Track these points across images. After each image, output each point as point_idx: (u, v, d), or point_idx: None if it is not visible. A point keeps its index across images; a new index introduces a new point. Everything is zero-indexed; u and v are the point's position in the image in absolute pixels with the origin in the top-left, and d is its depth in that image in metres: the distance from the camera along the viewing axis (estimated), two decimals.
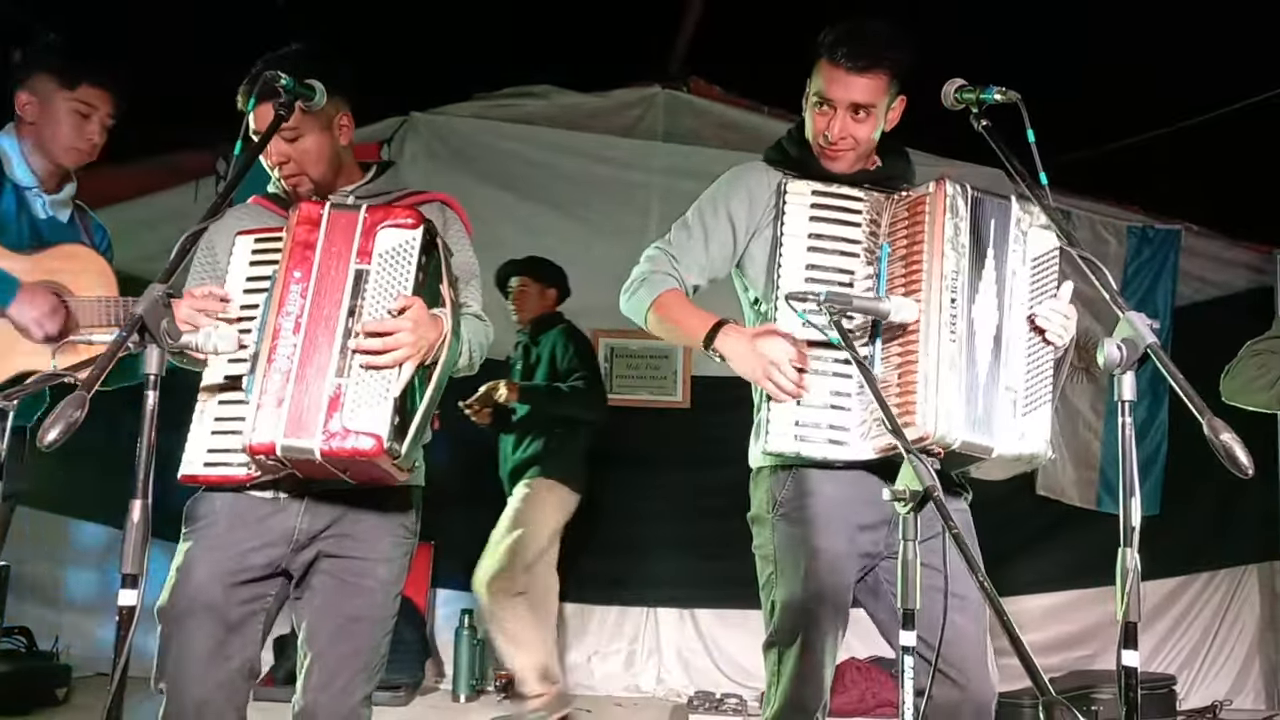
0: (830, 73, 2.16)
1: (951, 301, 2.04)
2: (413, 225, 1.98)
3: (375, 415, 1.88)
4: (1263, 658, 5.56)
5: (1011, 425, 2.07)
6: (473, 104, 5.32)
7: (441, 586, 5.19)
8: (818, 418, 2.10)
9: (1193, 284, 5.69)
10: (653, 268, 2.29)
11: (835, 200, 2.20)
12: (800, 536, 2.17)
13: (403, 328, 1.91)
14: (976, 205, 2.11)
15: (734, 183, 2.32)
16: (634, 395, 5.34)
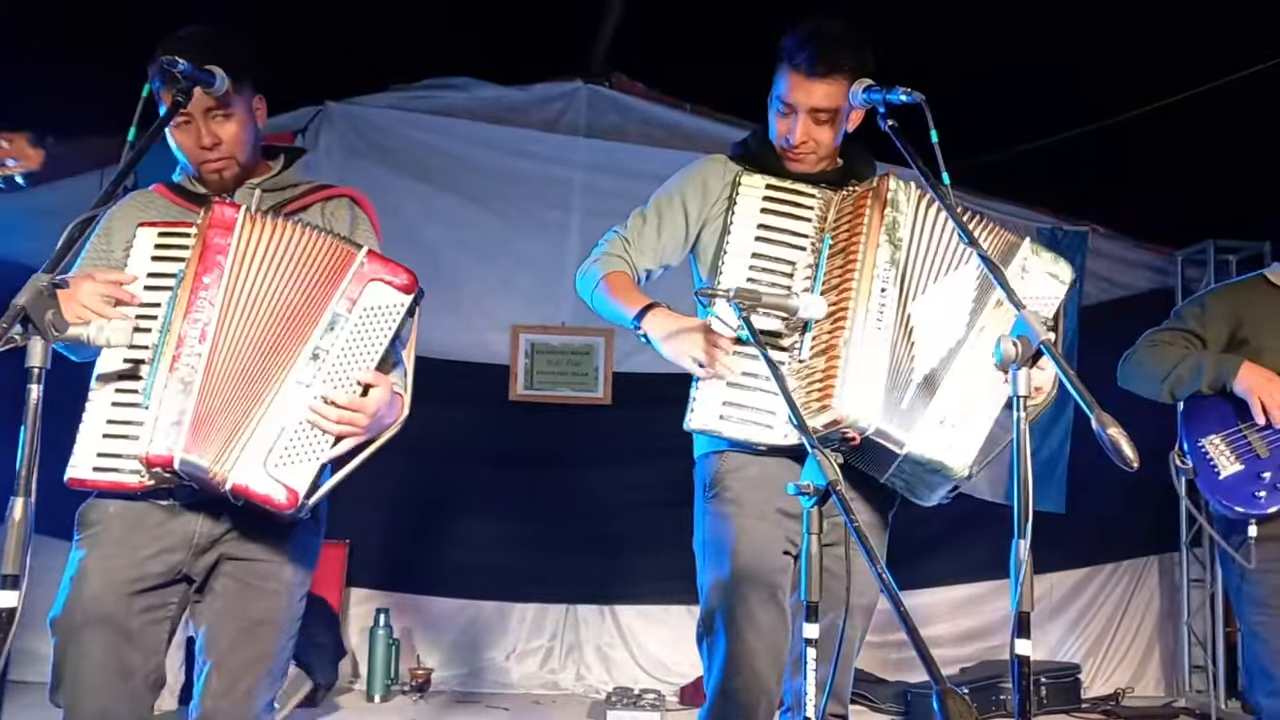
0: (791, 78, 2.21)
1: (882, 291, 2.08)
2: (406, 289, 1.94)
3: (300, 473, 1.86)
4: (1162, 647, 5.76)
5: (935, 430, 2.09)
6: (390, 94, 5.24)
7: (355, 586, 5.11)
8: (745, 399, 2.12)
9: (1099, 284, 5.87)
10: (607, 249, 2.35)
11: (788, 195, 2.25)
12: (724, 518, 2.19)
13: (365, 411, 1.88)
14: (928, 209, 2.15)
15: (692, 173, 2.38)
16: (554, 392, 5.31)
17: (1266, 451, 2.63)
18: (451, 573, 5.18)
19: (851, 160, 2.36)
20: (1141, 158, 5.15)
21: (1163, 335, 2.83)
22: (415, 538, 5.13)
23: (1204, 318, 2.80)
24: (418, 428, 5.37)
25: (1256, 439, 2.65)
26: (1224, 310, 2.80)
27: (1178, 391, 2.73)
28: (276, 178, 2.16)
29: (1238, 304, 2.80)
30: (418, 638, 5.14)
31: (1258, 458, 2.64)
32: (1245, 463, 2.64)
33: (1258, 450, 2.64)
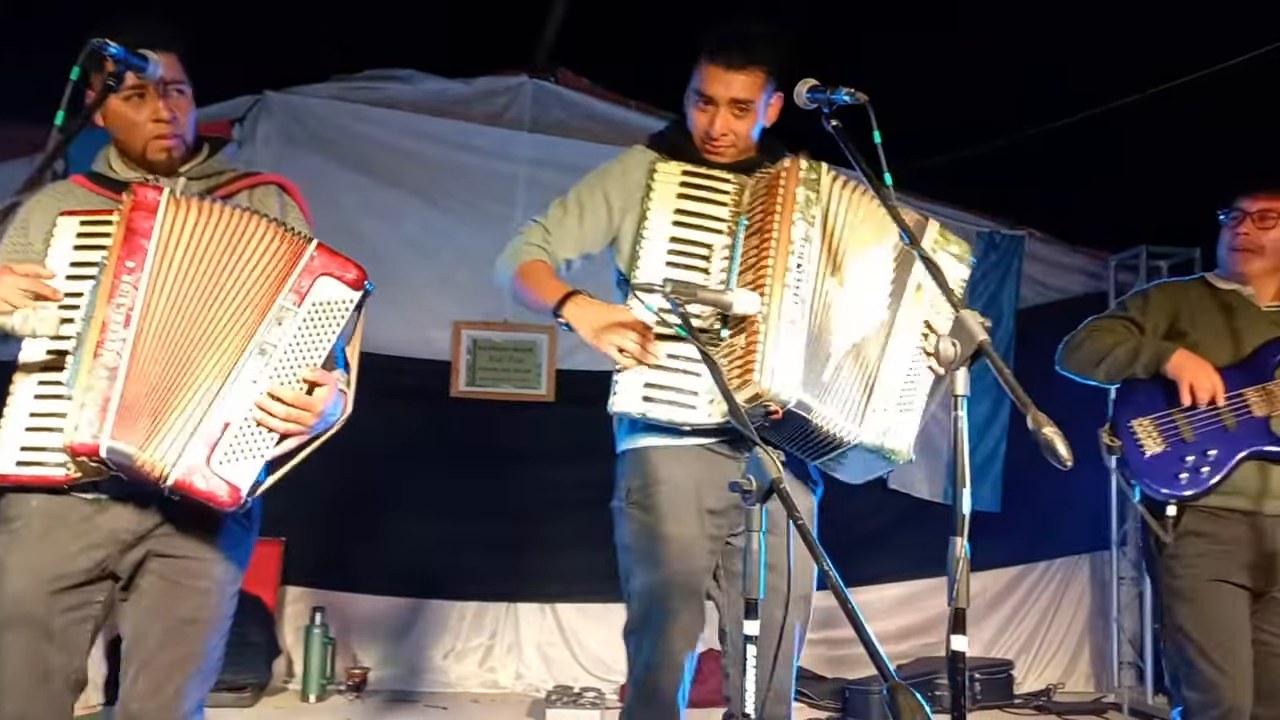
0: (710, 71, 2.26)
1: (798, 266, 2.11)
2: (355, 285, 1.92)
3: (244, 470, 1.82)
4: (1092, 643, 5.89)
5: (858, 404, 2.14)
6: (331, 85, 5.15)
7: (291, 584, 5.02)
8: (668, 380, 2.14)
9: (1034, 288, 5.98)
10: (526, 239, 2.35)
11: (704, 180, 2.27)
12: (650, 524, 2.19)
13: (312, 409, 1.86)
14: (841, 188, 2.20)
15: (614, 165, 2.40)
16: (497, 389, 5.27)
17: (1192, 435, 2.70)
18: (390, 571, 5.11)
19: (766, 152, 2.40)
20: (1077, 164, 5.25)
21: (1104, 322, 2.91)
22: (353, 535, 5.06)
23: (1146, 308, 2.88)
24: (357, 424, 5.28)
25: (1183, 422, 2.72)
26: (1166, 303, 2.88)
27: (1114, 374, 2.80)
28: (202, 164, 2.11)
29: (1179, 299, 2.88)
30: (354, 636, 5.07)
31: (1183, 441, 2.71)
32: (1170, 445, 2.71)
33: (1184, 433, 2.71)
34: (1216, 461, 2.66)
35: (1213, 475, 2.65)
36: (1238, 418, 2.69)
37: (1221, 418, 2.70)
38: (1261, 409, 2.69)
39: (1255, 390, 2.70)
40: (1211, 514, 2.67)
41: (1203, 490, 2.65)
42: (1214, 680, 2.58)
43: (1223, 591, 2.64)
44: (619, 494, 2.29)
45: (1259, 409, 2.69)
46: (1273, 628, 2.66)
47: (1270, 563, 2.64)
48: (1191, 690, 2.63)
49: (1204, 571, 2.64)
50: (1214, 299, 2.86)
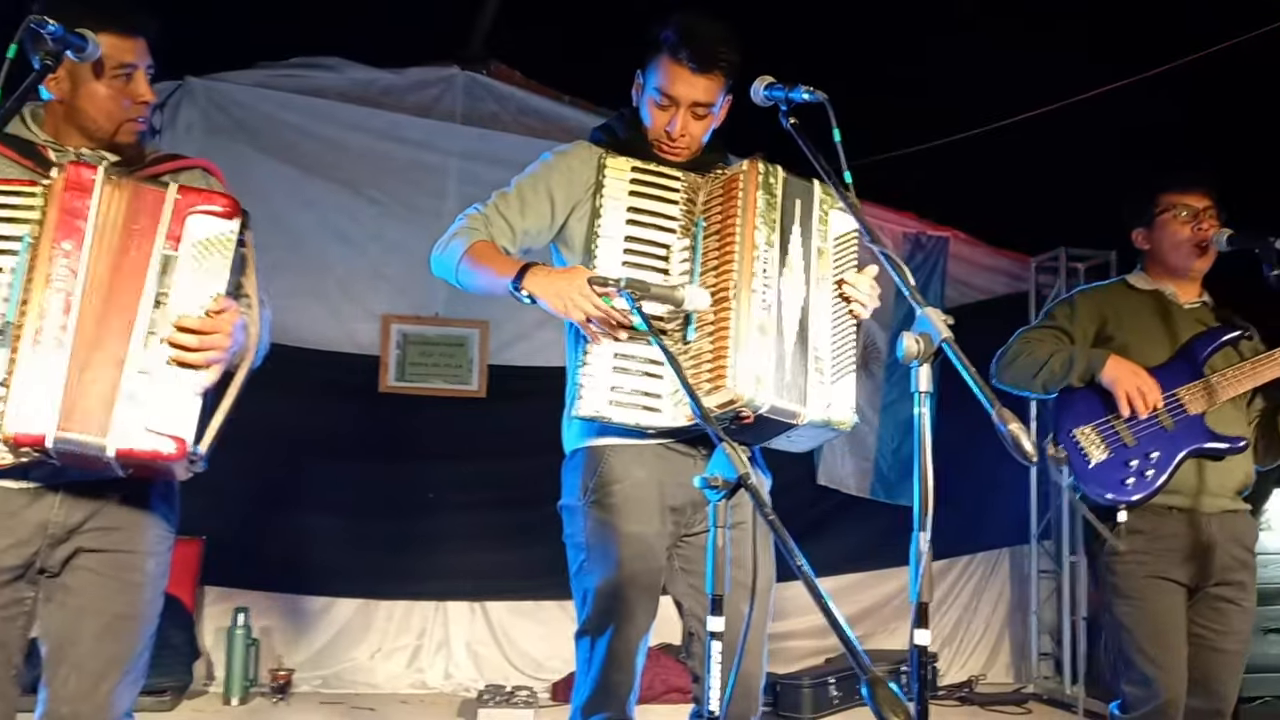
0: (674, 70, 2.23)
1: (764, 272, 2.11)
2: (228, 214, 1.85)
3: (180, 416, 1.76)
4: (1012, 635, 6.05)
5: (819, 392, 2.15)
6: (256, 72, 5.01)
7: (211, 584, 4.87)
8: (631, 383, 2.11)
9: (958, 288, 6.11)
10: (466, 224, 2.28)
11: (654, 178, 2.24)
12: (611, 522, 2.17)
13: (221, 329, 1.80)
14: (786, 184, 2.20)
15: (557, 160, 2.34)
16: (427, 384, 5.18)
17: (1133, 440, 2.74)
18: (315, 569, 4.99)
19: (710, 153, 2.39)
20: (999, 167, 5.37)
21: (1034, 333, 2.93)
22: (277, 533, 4.93)
23: (1073, 316, 2.92)
24: (281, 419, 5.20)
25: (1123, 428, 2.76)
26: (1092, 309, 2.92)
27: (1050, 385, 2.82)
28: None
29: (1103, 304, 2.93)
30: (278, 637, 4.94)
31: (1125, 446, 2.74)
32: (1114, 451, 2.75)
33: (1125, 439, 2.75)
34: (1160, 464, 2.71)
35: (1157, 477, 2.70)
36: (1175, 418, 2.74)
37: (1159, 419, 2.74)
38: (1197, 406, 2.75)
39: (1188, 389, 2.76)
40: (1151, 512, 2.72)
41: (1149, 493, 2.70)
42: (1151, 675, 2.64)
43: (1161, 588, 2.69)
44: (573, 492, 2.25)
45: (1194, 406, 2.75)
46: (1207, 622, 2.73)
47: (1206, 558, 2.71)
48: (1130, 684, 2.69)
49: (1143, 569, 2.69)
50: (1138, 300, 2.92)
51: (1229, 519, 2.76)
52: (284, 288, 4.91)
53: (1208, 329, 2.86)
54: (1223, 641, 2.71)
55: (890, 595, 5.71)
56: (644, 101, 2.30)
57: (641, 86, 2.32)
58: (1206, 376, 2.77)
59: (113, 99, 1.92)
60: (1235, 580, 2.73)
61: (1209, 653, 2.71)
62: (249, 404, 1.93)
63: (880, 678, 1.32)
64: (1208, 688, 2.70)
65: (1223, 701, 2.71)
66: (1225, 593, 2.73)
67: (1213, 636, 2.72)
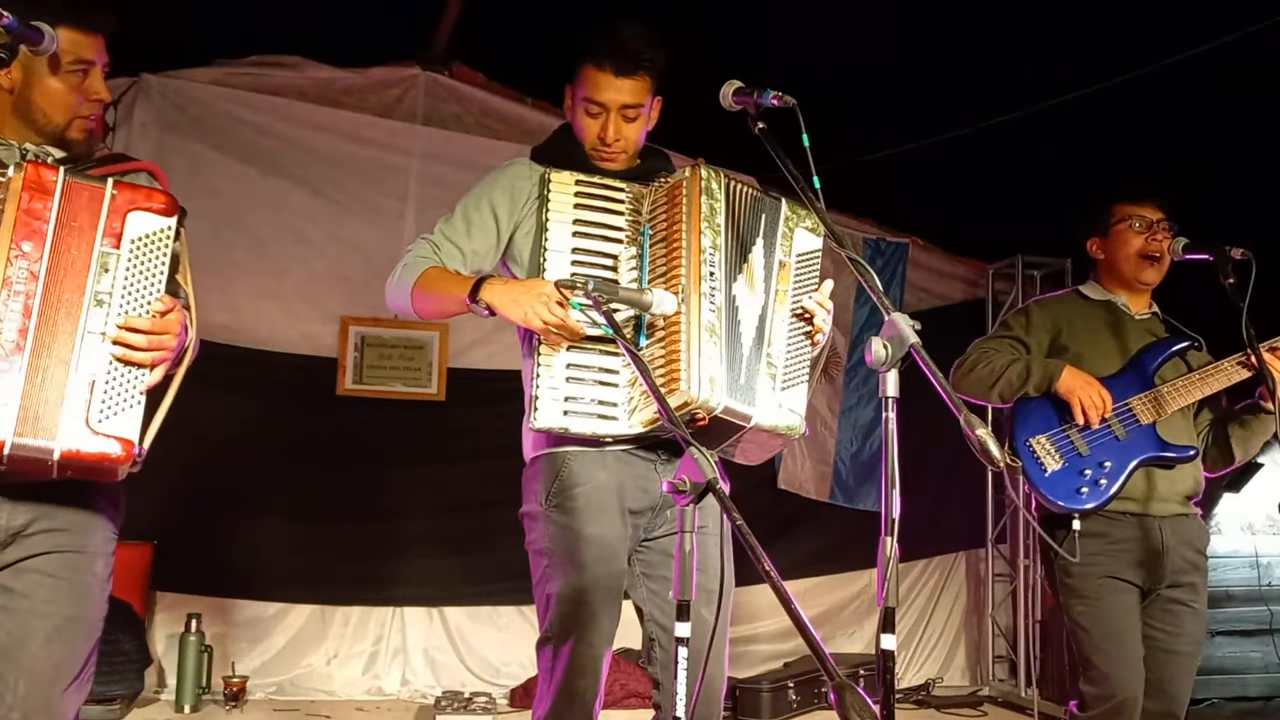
0: (598, 78, 2.26)
1: (710, 275, 2.13)
2: (166, 211, 1.84)
3: (127, 418, 1.75)
4: (968, 638, 6.11)
5: (771, 397, 2.18)
6: (214, 70, 4.92)
7: (163, 590, 4.78)
8: (586, 393, 2.13)
9: (917, 294, 6.17)
10: (416, 254, 2.30)
11: (598, 189, 2.26)
12: (572, 526, 2.16)
13: (169, 329, 1.80)
14: (741, 193, 2.23)
15: (498, 178, 2.36)
16: (385, 386, 5.13)
17: (1087, 450, 2.80)
18: (269, 575, 4.91)
19: (649, 158, 2.42)
20: (958, 176, 5.44)
21: (991, 343, 2.99)
22: (230, 538, 4.84)
23: (1029, 326, 2.97)
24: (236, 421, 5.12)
25: (1078, 438, 2.81)
26: (1046, 320, 2.98)
27: (1007, 394, 2.88)
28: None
29: (1058, 315, 2.98)
30: (231, 644, 4.85)
31: (1079, 455, 2.80)
32: (1068, 460, 2.80)
33: (1079, 449, 2.80)
34: (1112, 472, 2.77)
35: (1110, 486, 2.76)
36: (1126, 427, 2.81)
37: (1112, 428, 2.81)
38: (1148, 416, 2.81)
39: (1139, 399, 2.83)
40: (1105, 516, 2.78)
41: (1103, 502, 2.76)
42: (1107, 673, 2.69)
43: (1116, 589, 2.75)
44: (534, 498, 2.24)
45: (1145, 416, 2.81)
46: (1160, 624, 2.78)
47: (1158, 561, 2.77)
48: (1087, 684, 2.74)
49: (1098, 570, 2.75)
50: (1091, 311, 2.99)
51: (1180, 523, 2.82)
52: (241, 288, 4.86)
53: (1158, 340, 2.93)
54: (1176, 643, 2.77)
55: (849, 599, 5.75)
56: (575, 112, 2.33)
57: (572, 98, 2.34)
58: (1157, 387, 2.84)
59: (66, 94, 1.89)
60: (1187, 582, 2.80)
61: (1163, 655, 2.77)
62: (203, 406, 1.91)
63: (848, 684, 1.32)
64: (1162, 689, 2.75)
65: (1176, 703, 2.76)
66: (1177, 595, 2.79)
67: (1165, 639, 2.78)
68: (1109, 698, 2.68)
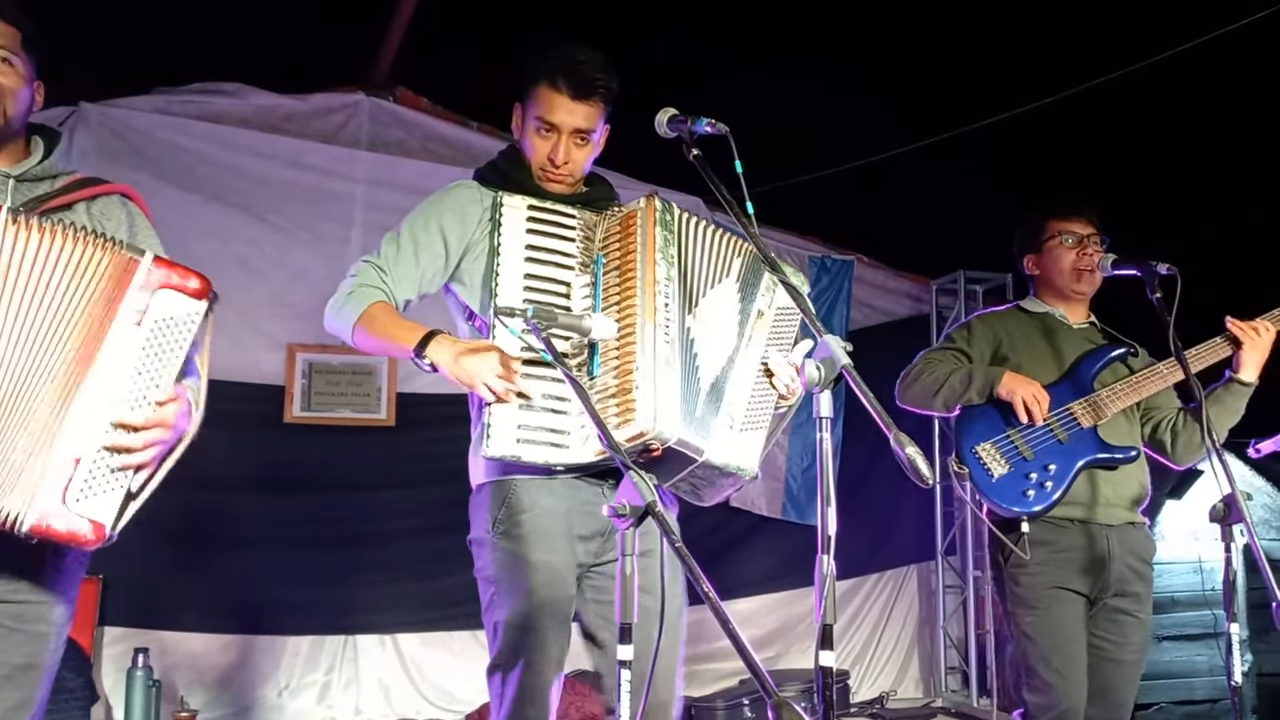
0: (553, 99, 2.25)
1: (665, 306, 2.14)
2: (199, 294, 1.76)
3: (105, 503, 1.68)
4: (921, 650, 6.17)
5: (726, 435, 2.19)
6: (154, 98, 4.87)
7: (110, 624, 4.69)
8: (538, 421, 2.11)
9: (863, 310, 6.25)
10: (360, 281, 2.25)
11: (550, 215, 2.25)
12: (520, 553, 2.16)
13: (165, 422, 1.72)
14: (688, 225, 2.24)
15: (445, 199, 2.33)
16: (333, 413, 5.09)
17: (1031, 454, 2.86)
18: (218, 606, 4.84)
19: (594, 185, 2.43)
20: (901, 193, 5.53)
21: (935, 354, 3.06)
22: (177, 571, 4.76)
23: (970, 338, 3.05)
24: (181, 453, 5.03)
25: (1022, 443, 2.87)
26: (987, 332, 3.05)
27: (950, 402, 2.94)
28: (40, 165, 1.93)
29: (998, 327, 3.06)
30: (180, 678, 4.77)
31: (1024, 460, 2.86)
32: (1013, 465, 2.85)
33: (1024, 453, 2.86)
34: (1057, 476, 2.82)
35: (1056, 489, 2.81)
36: (1068, 431, 2.87)
37: (1054, 432, 2.87)
38: (1088, 420, 2.88)
39: (1079, 403, 2.90)
40: (1052, 524, 2.83)
41: (1049, 504, 2.81)
42: (1053, 683, 2.73)
43: (1063, 599, 2.80)
44: (481, 525, 2.23)
45: (1086, 420, 2.88)
46: (1104, 633, 2.84)
47: (1102, 568, 2.83)
48: (1032, 693, 2.78)
49: (1045, 580, 2.80)
50: (1030, 323, 3.06)
51: (1126, 531, 2.87)
52: None
53: (1096, 347, 3.00)
54: (1121, 653, 2.82)
55: (803, 614, 5.78)
56: (525, 132, 2.32)
57: (522, 118, 2.33)
58: (1096, 391, 2.91)
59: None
60: (1132, 592, 2.85)
61: (1108, 664, 2.81)
62: None
63: (785, 701, 1.35)
64: (1106, 698, 2.80)
65: (1121, 709, 2.82)
66: (1122, 604, 2.84)
67: (1111, 648, 2.83)
68: (1053, 707, 2.72)
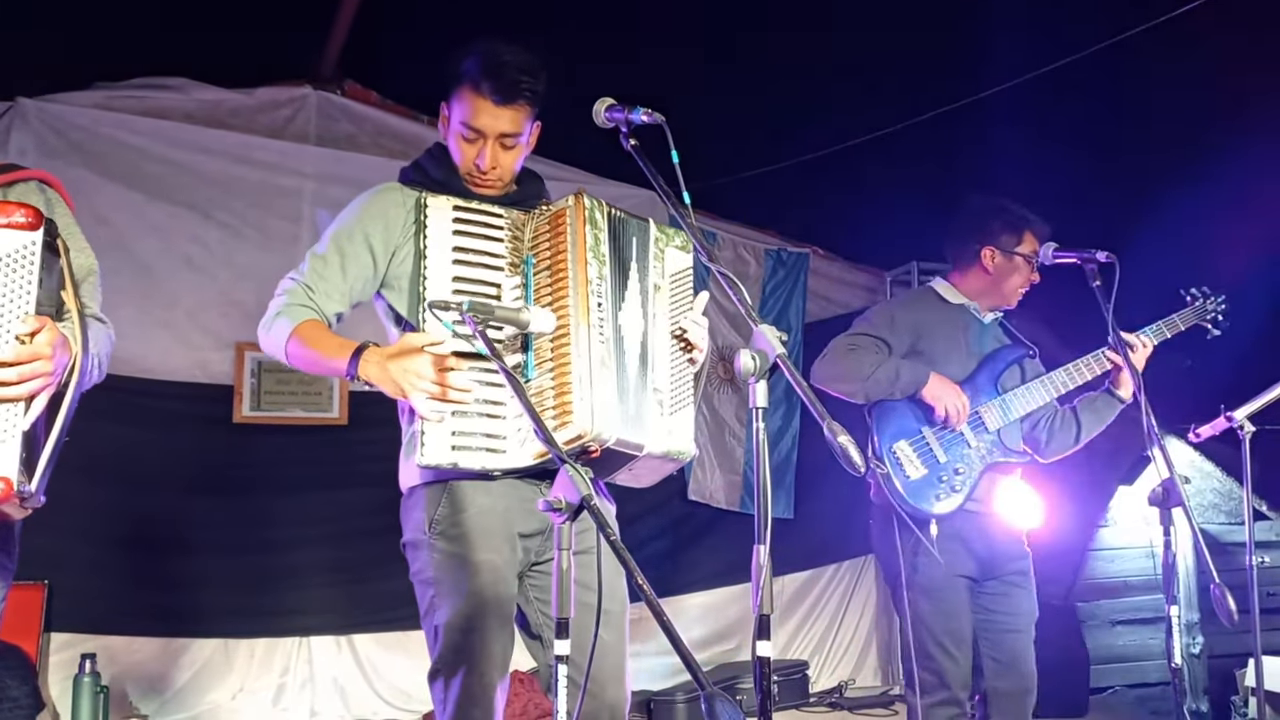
0: (477, 104, 2.20)
1: (599, 305, 2.12)
2: (31, 225, 1.70)
3: (2, 455, 1.63)
4: (879, 639, 6.21)
5: (660, 423, 2.17)
6: (95, 93, 4.78)
7: (56, 631, 4.60)
8: (473, 426, 2.07)
9: (819, 302, 6.27)
10: (289, 300, 2.20)
11: (477, 215, 2.20)
12: (459, 553, 2.13)
13: (40, 355, 1.66)
14: (616, 220, 2.21)
15: (367, 206, 2.27)
16: (285, 413, 5.03)
17: (944, 456, 2.98)
18: (168, 610, 4.77)
19: (524, 183, 2.39)
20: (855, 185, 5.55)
21: (858, 339, 3.10)
22: (126, 575, 4.69)
23: (893, 327, 3.11)
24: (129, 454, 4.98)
25: (936, 445, 2.99)
26: (909, 323, 3.12)
27: (874, 395, 3.01)
28: None
29: (918, 316, 3.14)
30: (130, 684, 4.70)
31: (938, 462, 2.98)
32: (928, 468, 2.98)
33: (937, 455, 2.99)
34: (965, 478, 2.97)
35: (962, 491, 2.97)
36: (977, 434, 3.01)
37: (965, 435, 3.00)
38: (995, 422, 3.03)
39: (987, 407, 3.04)
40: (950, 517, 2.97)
41: (956, 507, 2.95)
42: (945, 665, 2.91)
43: (957, 586, 2.96)
44: (417, 527, 2.18)
45: (993, 423, 3.03)
46: (999, 608, 3.02)
47: (992, 552, 3.01)
48: (925, 671, 2.94)
49: (944, 569, 2.93)
50: (947, 315, 3.16)
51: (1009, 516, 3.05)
52: (130, 317, 4.71)
53: (1001, 346, 3.14)
54: (1015, 622, 3.00)
55: None
56: (451, 136, 2.28)
57: (448, 120, 2.29)
58: (1002, 394, 3.05)
59: None
60: (1015, 569, 3.03)
61: (1008, 635, 2.99)
62: (94, 439, 1.82)
63: (718, 693, 1.35)
64: (1013, 668, 2.97)
65: (1029, 679, 2.99)
66: (1011, 579, 3.02)
67: (1007, 619, 3.00)
68: (945, 686, 2.90)
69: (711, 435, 5.80)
